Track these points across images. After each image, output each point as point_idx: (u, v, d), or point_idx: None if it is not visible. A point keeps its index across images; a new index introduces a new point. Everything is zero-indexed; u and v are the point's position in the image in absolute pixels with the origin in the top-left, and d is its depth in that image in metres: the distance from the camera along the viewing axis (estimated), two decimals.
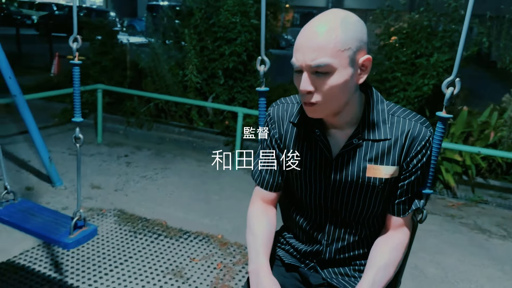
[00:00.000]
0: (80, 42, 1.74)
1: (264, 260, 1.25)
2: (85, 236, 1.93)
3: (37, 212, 2.10)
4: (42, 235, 1.91)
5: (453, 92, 1.22)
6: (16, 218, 2.01)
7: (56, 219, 2.05)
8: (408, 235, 1.31)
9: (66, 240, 1.86)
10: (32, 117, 3.48)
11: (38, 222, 2.00)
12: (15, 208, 2.10)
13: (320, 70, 1.08)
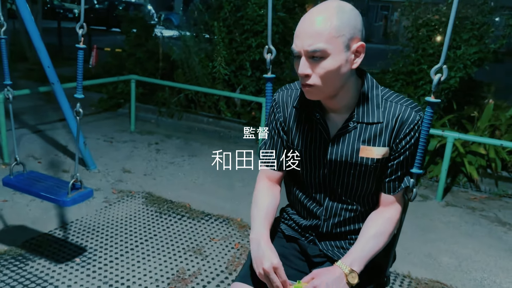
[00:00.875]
0: (86, 29, 1.97)
1: (264, 230, 1.37)
2: (81, 195, 2.16)
3: (42, 179, 2.37)
4: (44, 196, 2.18)
5: (440, 78, 1.30)
6: (23, 184, 2.29)
7: (57, 184, 2.31)
8: (399, 211, 1.41)
9: (64, 199, 2.11)
10: (68, 105, 3.73)
11: (42, 186, 2.26)
12: (23, 176, 2.38)
13: (316, 55, 1.19)
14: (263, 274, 1.26)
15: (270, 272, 1.24)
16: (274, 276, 1.24)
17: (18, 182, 2.31)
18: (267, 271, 1.24)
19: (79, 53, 2.03)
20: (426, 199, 3.83)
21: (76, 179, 2.15)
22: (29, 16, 3.47)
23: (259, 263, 1.27)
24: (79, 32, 1.97)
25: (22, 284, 2.27)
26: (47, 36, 9.35)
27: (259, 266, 1.26)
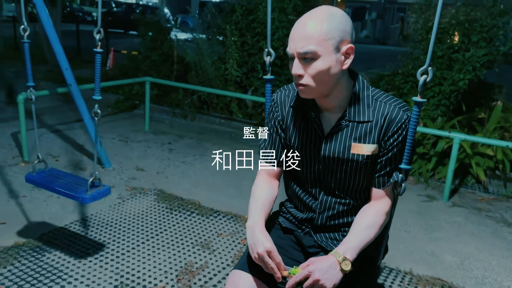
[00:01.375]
0: (103, 33, 2.08)
1: (259, 219, 1.46)
2: (100, 193, 2.28)
3: (62, 176, 2.49)
4: (65, 192, 2.29)
5: (426, 79, 1.38)
6: (45, 181, 2.42)
7: (76, 181, 2.43)
8: (389, 204, 1.48)
9: (83, 196, 2.23)
10: (85, 105, 3.89)
11: (62, 183, 2.38)
12: (45, 173, 2.51)
13: (307, 56, 1.29)
14: (258, 258, 1.35)
15: (264, 256, 1.33)
16: (268, 259, 1.33)
17: (40, 179, 2.44)
18: (261, 254, 1.33)
19: (97, 57, 2.14)
20: (432, 199, 3.88)
21: (95, 177, 2.27)
22: (48, 20, 3.63)
23: (254, 248, 1.36)
24: (97, 36, 2.07)
25: (39, 273, 2.41)
26: (66, 38, 9.61)
27: (254, 251, 1.36)
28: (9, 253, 2.58)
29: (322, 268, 1.30)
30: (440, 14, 1.35)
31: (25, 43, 2.44)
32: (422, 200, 3.85)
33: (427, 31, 4.88)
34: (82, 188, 2.30)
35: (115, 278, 2.42)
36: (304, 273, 1.31)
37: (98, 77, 2.21)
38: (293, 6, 5.01)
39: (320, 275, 1.29)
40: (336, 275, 1.31)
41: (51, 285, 2.32)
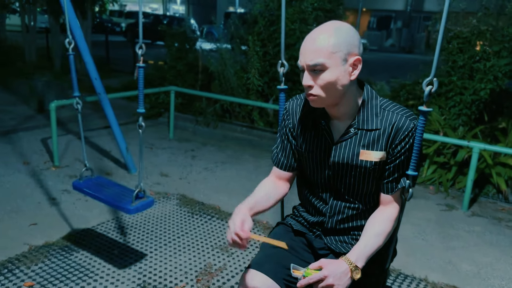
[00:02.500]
0: (144, 49, 2.13)
1: (246, 206, 1.57)
2: (144, 205, 2.37)
3: (108, 185, 2.59)
4: (110, 202, 2.39)
5: (431, 90, 1.45)
6: (92, 189, 2.51)
7: (122, 191, 2.52)
8: (397, 209, 1.55)
9: (128, 207, 2.32)
10: (113, 113, 4.07)
11: (109, 192, 2.48)
12: (91, 181, 2.62)
13: (316, 68, 1.39)
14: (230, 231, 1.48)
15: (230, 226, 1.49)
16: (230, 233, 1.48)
17: (87, 187, 2.55)
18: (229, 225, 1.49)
19: (140, 71, 2.19)
20: (452, 208, 3.88)
21: (140, 189, 2.38)
22: (79, 32, 3.82)
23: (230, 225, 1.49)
24: (139, 52, 2.14)
25: (67, 271, 2.56)
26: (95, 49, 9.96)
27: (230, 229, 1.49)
28: (40, 251, 2.74)
29: (336, 274, 1.38)
30: (444, 26, 1.42)
31: (70, 55, 2.57)
32: (441, 209, 3.85)
33: (447, 41, 4.90)
34: (127, 199, 2.39)
35: (138, 277, 2.54)
36: (319, 276, 1.39)
37: (142, 92, 2.24)
38: (314, 17, 5.11)
39: (334, 281, 1.37)
40: (347, 282, 1.39)
41: (78, 282, 2.46)
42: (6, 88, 8.08)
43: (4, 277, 2.46)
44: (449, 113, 4.78)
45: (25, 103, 6.78)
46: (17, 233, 2.96)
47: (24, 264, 2.60)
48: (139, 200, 2.36)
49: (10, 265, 2.58)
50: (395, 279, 2.71)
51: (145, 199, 2.38)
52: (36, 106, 6.38)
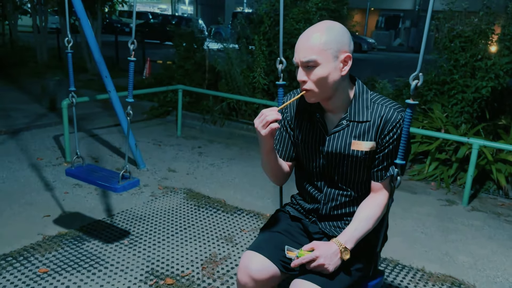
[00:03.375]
0: (136, 44, 2.35)
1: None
2: (130, 184, 2.54)
3: (97, 170, 2.78)
4: (99, 184, 2.57)
5: (417, 84, 1.55)
6: (82, 174, 2.71)
7: (110, 174, 2.71)
8: (386, 196, 1.65)
9: (115, 186, 2.49)
10: (123, 110, 4.21)
11: (97, 176, 2.66)
12: (82, 168, 2.80)
13: (309, 65, 1.50)
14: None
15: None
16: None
17: (78, 172, 2.75)
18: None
19: (130, 65, 2.43)
20: (452, 204, 3.96)
21: (126, 170, 2.55)
22: (90, 32, 3.97)
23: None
24: (131, 47, 2.37)
25: (80, 259, 2.70)
26: (105, 49, 10.13)
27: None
28: (54, 241, 2.89)
29: (326, 254, 1.50)
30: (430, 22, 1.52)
31: (68, 53, 2.77)
32: (441, 204, 3.94)
33: (450, 40, 4.98)
34: (115, 180, 2.57)
35: (147, 265, 2.67)
36: (310, 256, 1.51)
37: (131, 82, 2.48)
38: (319, 17, 5.21)
39: (325, 260, 1.49)
40: (337, 262, 1.52)
41: (90, 269, 2.60)
42: (19, 87, 8.29)
43: (20, 264, 2.60)
44: (451, 111, 4.86)
45: (38, 101, 6.96)
46: (32, 224, 3.11)
47: (38, 252, 2.75)
48: (125, 180, 2.51)
49: (26, 253, 2.72)
50: (393, 268, 2.81)
51: (130, 179, 2.54)
52: (48, 104, 6.56)
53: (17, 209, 3.33)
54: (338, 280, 1.53)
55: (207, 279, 2.55)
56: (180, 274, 2.59)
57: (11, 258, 2.66)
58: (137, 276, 2.55)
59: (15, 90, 8.01)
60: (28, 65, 10.13)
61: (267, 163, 1.70)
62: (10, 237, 2.91)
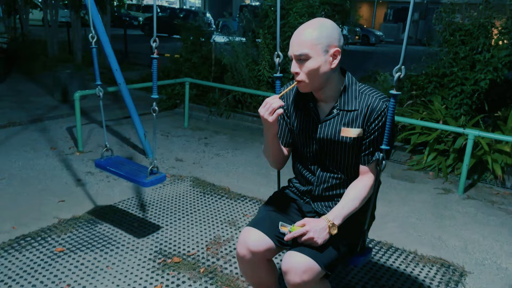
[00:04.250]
0: (158, 42, 2.44)
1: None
2: (157, 179, 2.68)
3: (126, 163, 2.92)
4: (128, 177, 2.70)
5: (400, 76, 1.70)
6: (112, 166, 2.84)
7: (138, 168, 2.84)
8: (373, 178, 1.81)
9: (144, 181, 2.63)
10: (132, 102, 4.40)
11: (126, 169, 2.80)
12: (111, 160, 2.95)
13: (301, 58, 1.66)
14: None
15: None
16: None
17: (107, 165, 2.89)
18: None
19: (154, 62, 2.50)
20: (448, 192, 4.11)
21: (154, 165, 2.70)
22: (100, 25, 4.13)
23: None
24: (153, 45, 2.45)
25: (93, 239, 2.90)
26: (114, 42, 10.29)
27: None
28: (69, 223, 3.09)
29: (316, 229, 1.68)
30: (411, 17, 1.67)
31: (92, 48, 2.87)
32: (438, 193, 4.09)
33: (450, 33, 5.09)
34: (143, 174, 2.72)
35: (156, 245, 2.87)
36: (301, 231, 1.68)
37: (155, 79, 2.58)
38: (322, 11, 5.34)
39: (314, 234, 1.67)
40: (325, 236, 1.69)
41: (103, 249, 2.80)
42: (31, 80, 8.52)
43: (38, 244, 2.81)
44: (451, 103, 4.98)
45: (49, 94, 7.19)
46: (48, 208, 3.32)
47: (55, 233, 2.95)
48: (153, 175, 2.67)
49: (43, 234, 2.93)
50: (386, 251, 2.98)
51: (158, 175, 2.70)
52: (60, 96, 6.78)
53: (33, 194, 3.54)
54: (327, 252, 1.71)
55: (211, 258, 2.74)
56: (186, 254, 2.78)
57: (30, 238, 2.87)
58: (146, 255, 2.75)
59: (27, 83, 8.25)
60: (39, 59, 10.36)
61: (270, 148, 1.88)
62: (28, 219, 3.12)
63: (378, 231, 3.23)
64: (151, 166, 2.67)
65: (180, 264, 2.66)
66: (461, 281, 2.68)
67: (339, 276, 2.64)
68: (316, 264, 1.65)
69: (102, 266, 2.61)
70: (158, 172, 2.71)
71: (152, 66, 2.52)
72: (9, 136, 5.01)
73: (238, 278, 2.53)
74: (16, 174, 3.94)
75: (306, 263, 1.65)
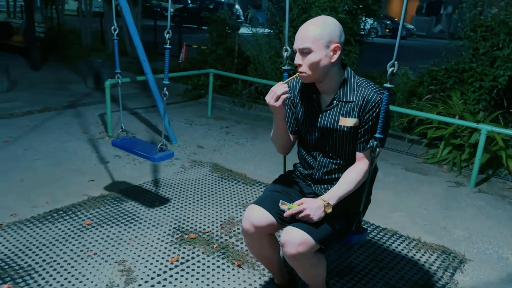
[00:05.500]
0: (171, 33, 2.74)
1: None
2: (166, 155, 3.00)
3: (139, 143, 3.25)
4: (140, 154, 3.02)
5: (393, 71, 1.86)
6: (127, 145, 3.17)
7: (150, 147, 3.16)
8: (367, 164, 1.98)
9: (154, 156, 2.93)
10: (158, 91, 4.66)
11: (139, 147, 3.12)
12: (126, 140, 3.27)
13: (304, 51, 1.85)
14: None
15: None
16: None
17: (122, 144, 3.21)
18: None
19: (166, 51, 2.83)
20: (460, 185, 4.21)
21: (162, 143, 2.98)
22: (130, 18, 4.39)
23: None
24: (166, 36, 2.74)
25: (118, 215, 3.17)
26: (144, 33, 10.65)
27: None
28: (97, 200, 3.38)
29: (312, 207, 1.87)
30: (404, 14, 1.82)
31: (114, 40, 3.19)
32: (449, 186, 4.19)
33: (471, 29, 5.12)
34: (153, 151, 3.02)
35: (174, 222, 3.12)
36: (299, 209, 1.88)
37: (167, 66, 2.89)
38: (344, 5, 5.45)
39: (310, 211, 1.86)
40: (321, 214, 1.87)
41: (127, 223, 3.07)
42: (66, 68, 8.96)
43: (69, 217, 3.11)
44: (469, 98, 5.03)
45: (83, 81, 7.57)
46: (78, 187, 3.62)
47: (84, 208, 3.24)
48: (162, 152, 2.95)
49: (74, 209, 3.23)
50: (390, 237, 3.14)
51: (166, 152, 2.97)
52: (93, 84, 7.14)
53: (66, 174, 3.86)
54: (321, 228, 1.90)
55: (224, 236, 2.97)
56: (201, 231, 3.02)
57: (62, 212, 3.17)
58: (165, 230, 3.00)
59: (62, 71, 8.68)
60: (73, 48, 10.82)
61: (278, 133, 2.09)
62: (61, 196, 3.43)
63: (384, 219, 3.39)
64: (160, 144, 2.94)
65: (195, 240, 2.90)
66: (460, 268, 2.82)
67: (341, 257, 2.83)
68: (310, 238, 1.85)
69: (126, 238, 2.88)
70: (167, 150, 2.99)
71: (165, 55, 2.80)
72: (45, 120, 5.37)
73: (248, 254, 2.75)
74: (50, 155, 4.28)
75: (302, 237, 1.84)
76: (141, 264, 2.61)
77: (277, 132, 2.09)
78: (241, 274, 2.58)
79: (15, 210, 3.17)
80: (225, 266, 2.64)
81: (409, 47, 18.27)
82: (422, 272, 2.74)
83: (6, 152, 4.27)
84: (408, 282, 2.62)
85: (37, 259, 2.60)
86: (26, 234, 2.86)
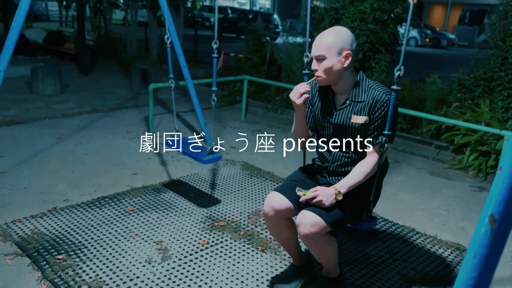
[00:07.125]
0: (218, 43, 3.02)
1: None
2: (214, 158, 3.23)
3: (191, 143, 3.54)
4: (191, 155, 3.30)
5: (399, 74, 2.10)
6: (179, 145, 3.46)
7: (201, 148, 3.43)
8: (376, 157, 2.23)
9: (204, 158, 3.21)
10: (196, 95, 5.04)
11: (191, 148, 3.42)
12: (179, 140, 3.58)
13: (319, 58, 2.13)
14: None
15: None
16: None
17: (176, 145, 3.50)
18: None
19: (214, 60, 3.13)
20: (483, 190, 4.31)
21: (212, 147, 3.29)
22: (172, 27, 4.79)
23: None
24: (214, 46, 3.05)
25: (157, 203, 3.53)
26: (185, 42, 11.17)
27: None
28: (139, 190, 3.76)
29: (324, 194, 2.13)
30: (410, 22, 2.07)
31: (167, 47, 3.56)
32: (472, 190, 4.31)
33: (501, 39, 5.21)
34: (203, 153, 3.31)
35: (206, 212, 3.44)
36: (312, 195, 2.15)
37: (215, 74, 3.20)
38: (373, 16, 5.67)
39: (323, 198, 2.13)
40: (332, 200, 2.14)
41: (164, 211, 3.42)
42: (112, 74, 9.57)
43: (114, 204, 3.49)
44: (497, 106, 5.12)
45: (128, 86, 8.10)
46: (123, 178, 4.02)
47: (127, 197, 3.63)
48: (211, 155, 3.24)
49: (118, 197, 3.62)
50: (407, 233, 3.33)
51: (215, 155, 3.26)
52: (137, 89, 7.65)
53: (112, 167, 4.27)
54: (332, 213, 2.16)
55: (250, 225, 3.27)
56: (230, 220, 3.33)
57: (108, 199, 3.56)
58: (198, 218, 3.33)
59: (109, 76, 9.29)
60: (119, 55, 11.50)
61: (298, 127, 2.38)
62: (107, 186, 3.83)
63: (404, 217, 3.58)
64: (210, 147, 3.24)
65: (224, 227, 3.21)
66: None
67: (358, 248, 3.06)
68: (322, 220, 2.11)
69: (163, 223, 3.23)
70: (215, 153, 3.28)
71: (212, 63, 3.10)
72: (93, 121, 5.87)
73: (271, 241, 3.03)
74: (98, 151, 4.72)
75: (314, 219, 2.11)
76: (176, 245, 2.95)
77: (297, 127, 2.37)
78: (264, 258, 2.86)
79: (67, 196, 3.59)
80: (250, 251, 2.93)
81: (448, 56, 18.04)
82: (434, 265, 2.93)
83: (59, 147, 4.75)
84: (419, 273, 2.82)
85: (86, 237, 2.99)
86: (77, 216, 3.26)
